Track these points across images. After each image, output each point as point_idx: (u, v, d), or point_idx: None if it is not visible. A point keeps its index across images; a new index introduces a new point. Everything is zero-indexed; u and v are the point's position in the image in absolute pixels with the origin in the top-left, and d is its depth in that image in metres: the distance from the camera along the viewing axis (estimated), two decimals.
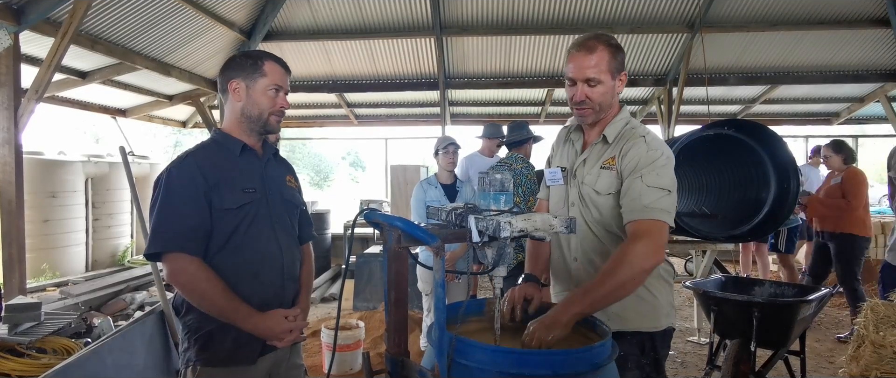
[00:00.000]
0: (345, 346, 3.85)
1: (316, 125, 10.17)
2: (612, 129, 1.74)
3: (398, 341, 1.40)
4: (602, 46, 1.66)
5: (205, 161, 1.71)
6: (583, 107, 1.70)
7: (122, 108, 8.07)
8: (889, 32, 6.94)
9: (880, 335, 2.16)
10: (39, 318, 3.39)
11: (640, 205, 1.59)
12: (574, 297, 1.53)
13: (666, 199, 1.60)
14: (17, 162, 4.28)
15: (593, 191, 1.72)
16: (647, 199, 1.59)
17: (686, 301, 5.88)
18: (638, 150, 1.65)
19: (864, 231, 4.65)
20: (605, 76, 1.67)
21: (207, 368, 1.69)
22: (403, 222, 1.35)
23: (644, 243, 1.54)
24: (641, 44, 7.49)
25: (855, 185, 4.65)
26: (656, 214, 1.58)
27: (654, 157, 1.64)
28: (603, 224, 1.72)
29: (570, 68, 1.69)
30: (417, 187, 3.91)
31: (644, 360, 1.73)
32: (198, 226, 1.64)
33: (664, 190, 1.61)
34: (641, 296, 1.72)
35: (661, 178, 1.62)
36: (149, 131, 21.17)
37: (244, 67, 1.75)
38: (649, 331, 1.74)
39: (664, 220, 1.59)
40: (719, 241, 4.33)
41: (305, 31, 7.30)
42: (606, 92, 1.69)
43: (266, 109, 1.76)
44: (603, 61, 1.66)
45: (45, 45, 4.90)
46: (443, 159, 3.87)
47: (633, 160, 1.65)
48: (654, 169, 1.62)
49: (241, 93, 1.75)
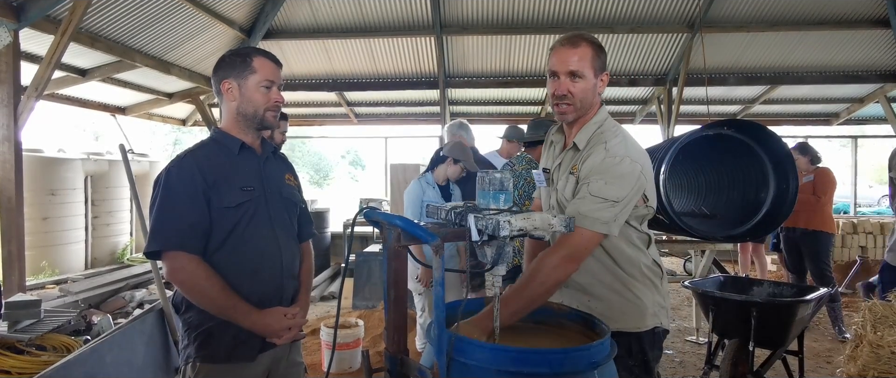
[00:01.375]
0: (344, 344, 3.85)
1: (316, 124, 10.17)
2: (582, 134, 1.71)
3: (397, 340, 1.41)
4: (585, 43, 1.66)
5: (204, 160, 1.71)
6: (564, 102, 1.67)
7: (121, 106, 8.07)
8: (889, 33, 6.94)
9: (878, 335, 2.17)
10: (39, 316, 3.40)
11: (577, 211, 1.56)
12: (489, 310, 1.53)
13: (607, 210, 1.55)
14: (17, 159, 4.28)
15: (563, 196, 1.72)
16: (585, 206, 1.56)
17: (685, 301, 5.89)
18: (595, 158, 1.63)
19: (831, 228, 4.94)
20: (588, 71, 1.65)
21: (207, 365, 1.70)
22: (403, 221, 1.35)
23: (558, 255, 1.54)
24: (641, 44, 7.49)
25: (826, 183, 4.93)
26: (587, 224, 1.54)
27: (611, 164, 1.59)
28: None
29: (553, 61, 1.67)
30: (415, 184, 3.79)
31: (631, 361, 1.70)
32: (197, 224, 1.65)
33: (608, 201, 1.56)
34: (624, 296, 1.71)
35: (607, 186, 1.57)
36: (148, 129, 21.17)
37: (234, 66, 1.75)
38: (635, 331, 1.71)
39: (596, 230, 1.55)
40: (718, 241, 4.34)
41: (305, 30, 7.29)
42: (588, 89, 1.67)
43: (260, 106, 1.76)
44: (586, 56, 1.65)
45: (45, 42, 4.90)
46: (452, 170, 3.79)
47: (588, 167, 1.63)
48: (604, 177, 1.58)
49: (234, 92, 1.75)
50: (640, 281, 1.74)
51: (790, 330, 3.02)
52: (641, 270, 1.74)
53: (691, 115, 9.17)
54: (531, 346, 1.53)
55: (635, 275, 1.73)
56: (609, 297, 1.68)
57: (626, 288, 1.72)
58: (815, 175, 4.98)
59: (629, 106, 9.37)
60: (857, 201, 10.99)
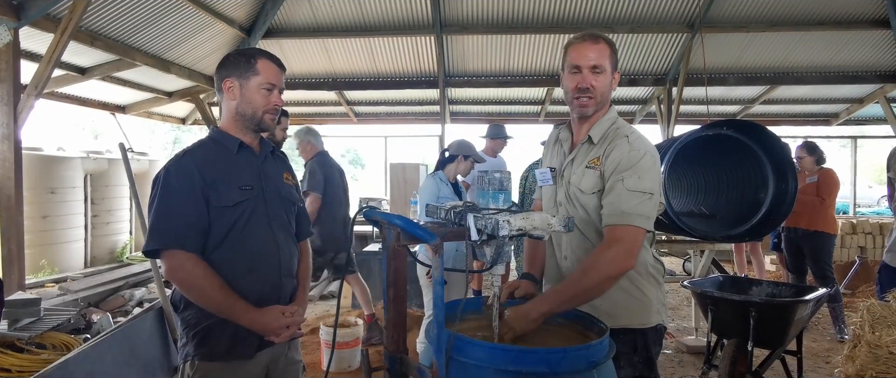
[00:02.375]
0: (344, 343, 3.86)
1: (315, 122, 10.15)
2: (598, 129, 1.75)
3: (397, 338, 1.41)
4: (603, 40, 1.72)
5: (202, 159, 1.72)
6: (586, 95, 1.71)
7: (121, 105, 8.06)
8: (889, 33, 6.95)
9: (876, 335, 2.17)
10: (39, 314, 3.40)
11: (619, 210, 1.60)
12: (546, 295, 1.61)
13: (646, 203, 1.60)
14: (17, 158, 4.28)
15: (578, 190, 1.74)
16: (627, 204, 1.59)
17: (684, 300, 5.89)
18: (620, 151, 1.66)
19: (833, 229, 4.93)
20: (608, 66, 1.71)
21: (206, 363, 1.70)
22: (403, 220, 1.35)
23: (615, 250, 1.56)
24: (641, 43, 7.49)
25: (830, 185, 4.90)
26: (633, 220, 1.58)
27: (637, 157, 1.64)
28: (590, 223, 1.74)
29: (574, 56, 1.71)
30: (431, 180, 3.79)
31: (636, 358, 1.74)
32: (195, 222, 1.66)
33: (646, 193, 1.61)
34: (631, 293, 1.74)
35: (642, 181, 1.61)
36: (148, 128, 21.16)
37: (238, 66, 1.75)
38: (640, 328, 1.75)
39: (641, 226, 1.59)
40: (717, 240, 4.34)
41: (305, 29, 7.29)
42: (606, 83, 1.73)
43: (259, 108, 1.76)
44: (605, 53, 1.71)
45: (45, 41, 4.89)
46: (463, 166, 3.86)
47: (614, 161, 1.66)
48: (636, 171, 1.62)
49: (235, 91, 1.76)
50: (645, 278, 1.77)
51: (789, 330, 3.03)
52: (647, 268, 1.78)
53: (691, 115, 9.18)
54: (530, 345, 1.53)
55: (642, 272, 1.76)
56: (614, 295, 1.70)
57: (633, 285, 1.74)
58: (819, 176, 4.93)
59: (629, 106, 9.38)
60: (857, 202, 11.00)
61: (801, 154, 5.02)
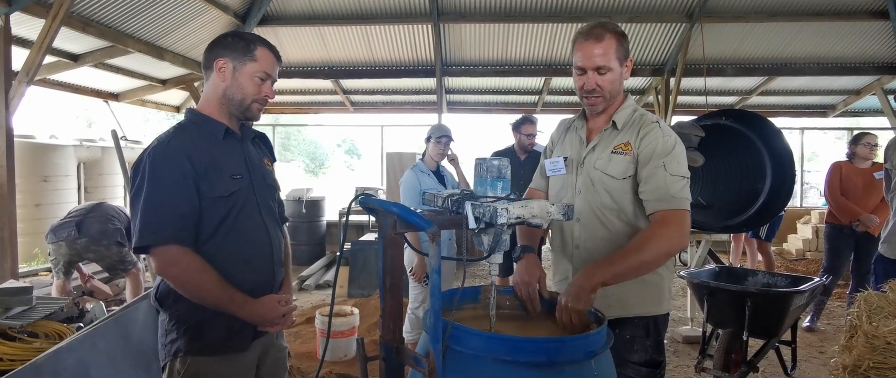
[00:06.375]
0: (339, 332, 3.85)
1: (311, 111, 10.10)
2: (621, 115, 1.77)
3: (393, 328, 1.40)
4: (609, 34, 1.69)
5: (190, 146, 1.62)
6: (593, 95, 1.73)
7: (114, 92, 7.98)
8: (887, 25, 6.92)
9: (873, 326, 2.18)
10: (31, 303, 3.37)
11: (668, 194, 1.64)
12: (598, 265, 1.56)
13: (687, 187, 1.67)
14: (9, 146, 4.25)
15: (606, 175, 1.73)
16: (674, 188, 1.64)
17: (680, 290, 5.91)
18: (655, 137, 1.69)
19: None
20: (613, 63, 1.70)
21: (199, 358, 1.64)
22: (399, 208, 1.33)
23: (672, 229, 1.60)
24: (640, 33, 7.45)
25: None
26: (682, 204, 1.64)
27: (672, 144, 1.69)
28: (613, 210, 1.73)
29: (579, 57, 1.71)
30: (410, 174, 3.79)
31: (648, 341, 1.78)
32: (189, 214, 1.58)
33: (685, 178, 1.67)
34: (647, 281, 1.75)
35: (680, 166, 1.67)
36: (142, 116, 21.00)
37: (235, 48, 1.68)
38: (653, 315, 1.78)
39: (687, 209, 1.65)
40: (715, 231, 4.34)
41: (301, 16, 7.21)
42: (615, 79, 1.72)
43: (249, 95, 1.70)
44: (611, 49, 1.68)
45: (36, 26, 4.81)
46: (434, 148, 3.81)
47: (650, 147, 1.68)
48: (674, 157, 1.67)
49: (226, 73, 1.68)
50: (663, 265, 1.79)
51: (784, 320, 3.04)
52: None
53: (689, 105, 9.16)
54: (527, 334, 1.52)
55: None
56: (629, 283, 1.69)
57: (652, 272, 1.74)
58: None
59: None
60: None
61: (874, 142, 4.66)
